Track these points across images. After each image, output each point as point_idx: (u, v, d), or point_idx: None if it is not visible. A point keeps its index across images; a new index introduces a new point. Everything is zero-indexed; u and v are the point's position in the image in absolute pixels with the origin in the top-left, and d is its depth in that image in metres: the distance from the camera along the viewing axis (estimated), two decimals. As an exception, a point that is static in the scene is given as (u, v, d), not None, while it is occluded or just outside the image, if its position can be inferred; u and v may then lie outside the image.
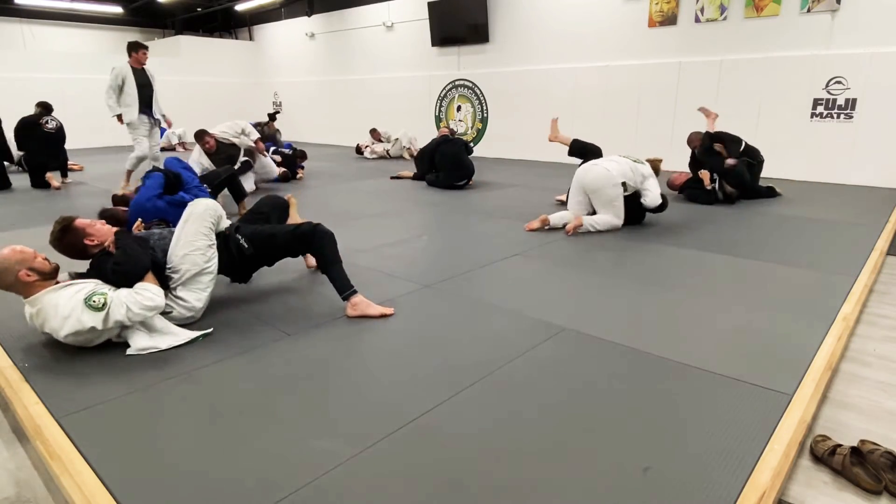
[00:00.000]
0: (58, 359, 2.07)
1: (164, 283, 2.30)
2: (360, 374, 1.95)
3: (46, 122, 6.61)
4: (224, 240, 2.53)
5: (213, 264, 2.42)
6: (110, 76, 5.53)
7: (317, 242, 2.51)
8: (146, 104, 5.68)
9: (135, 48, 5.57)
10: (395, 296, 2.72)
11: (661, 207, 4.20)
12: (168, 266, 2.34)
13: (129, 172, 5.89)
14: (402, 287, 2.86)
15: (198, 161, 5.34)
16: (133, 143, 5.78)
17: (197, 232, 2.39)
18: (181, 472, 1.43)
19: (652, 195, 4.05)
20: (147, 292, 2.13)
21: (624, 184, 4.02)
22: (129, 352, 2.09)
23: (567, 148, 4.63)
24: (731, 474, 1.39)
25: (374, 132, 9.35)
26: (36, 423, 1.65)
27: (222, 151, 5.49)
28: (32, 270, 2.06)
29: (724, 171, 5.01)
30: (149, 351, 2.11)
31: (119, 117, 5.65)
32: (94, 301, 2.02)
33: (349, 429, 1.61)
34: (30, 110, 6.63)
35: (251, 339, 2.24)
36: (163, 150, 10.89)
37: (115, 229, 2.37)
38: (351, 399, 1.78)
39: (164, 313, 2.25)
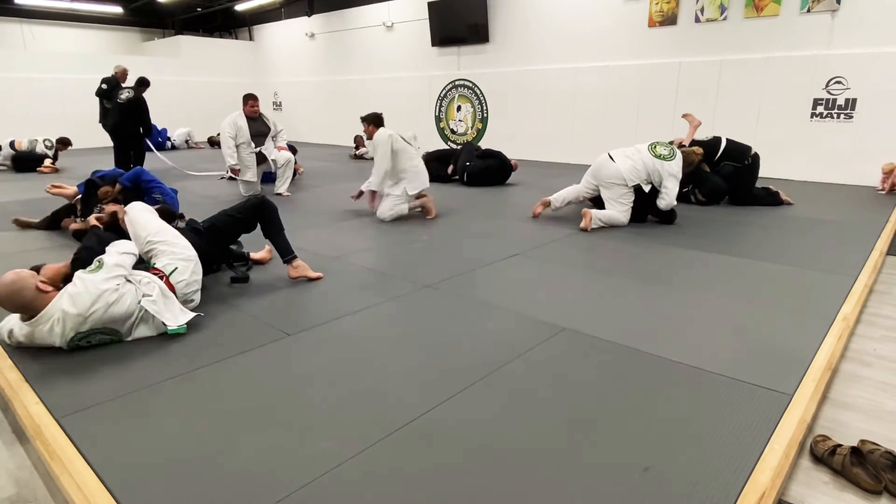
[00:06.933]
0: (58, 359, 2.07)
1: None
2: (359, 374, 1.95)
3: (120, 92, 6.66)
4: (188, 229, 2.75)
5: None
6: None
7: (265, 212, 2.85)
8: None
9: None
10: (396, 296, 2.73)
11: (669, 219, 4.18)
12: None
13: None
14: (403, 287, 2.86)
15: (233, 122, 5.45)
16: None
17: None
18: (181, 471, 1.43)
19: (667, 199, 4.02)
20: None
21: (637, 186, 4.03)
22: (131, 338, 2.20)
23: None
24: (731, 474, 1.39)
25: (358, 139, 9.41)
26: (36, 423, 1.65)
27: (258, 127, 5.62)
28: (44, 283, 2.11)
29: (697, 181, 5.00)
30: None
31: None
32: (91, 267, 2.19)
33: (349, 429, 1.61)
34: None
35: (251, 339, 2.24)
36: (173, 149, 11.00)
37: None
38: (351, 399, 1.78)
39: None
